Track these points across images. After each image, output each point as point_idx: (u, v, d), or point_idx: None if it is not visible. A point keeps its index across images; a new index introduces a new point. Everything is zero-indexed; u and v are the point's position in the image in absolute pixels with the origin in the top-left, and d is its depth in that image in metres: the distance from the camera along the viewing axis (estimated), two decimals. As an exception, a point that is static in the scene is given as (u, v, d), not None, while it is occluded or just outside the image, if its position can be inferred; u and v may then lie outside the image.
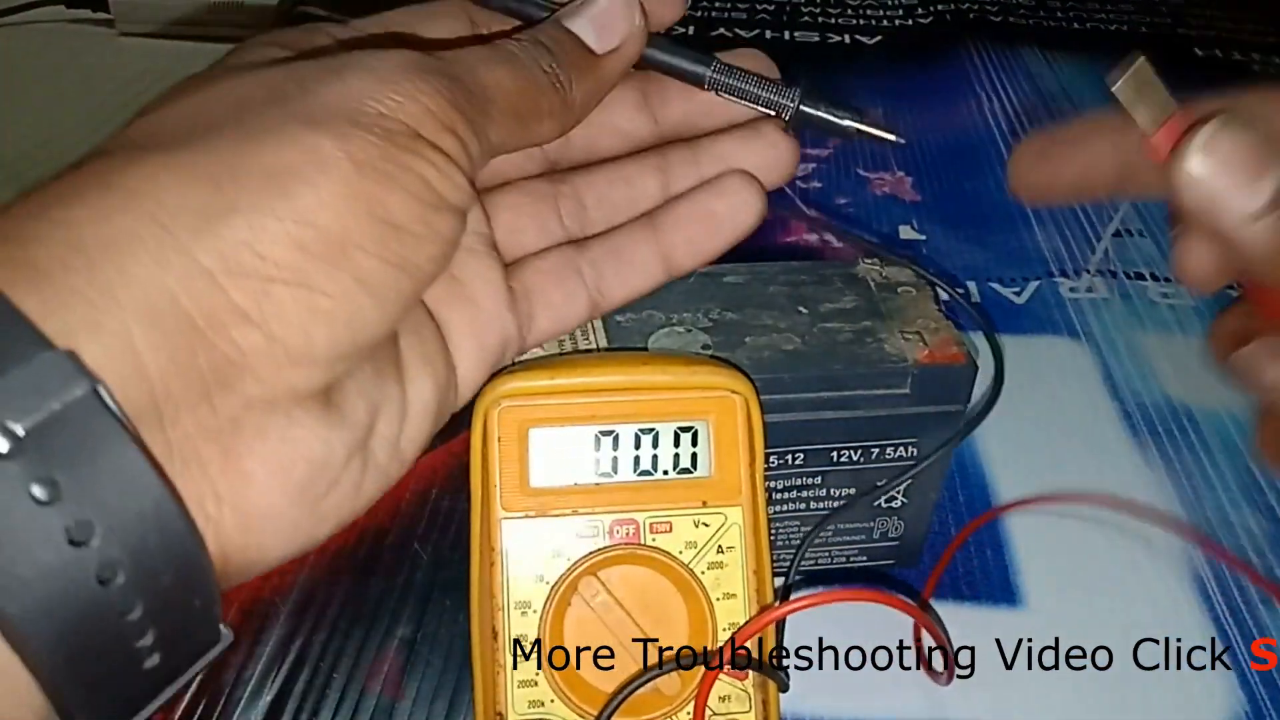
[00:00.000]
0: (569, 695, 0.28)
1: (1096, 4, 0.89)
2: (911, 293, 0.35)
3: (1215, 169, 0.22)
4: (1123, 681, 0.34)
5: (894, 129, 0.25)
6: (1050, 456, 0.43)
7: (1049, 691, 0.34)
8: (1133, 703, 0.34)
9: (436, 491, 0.41)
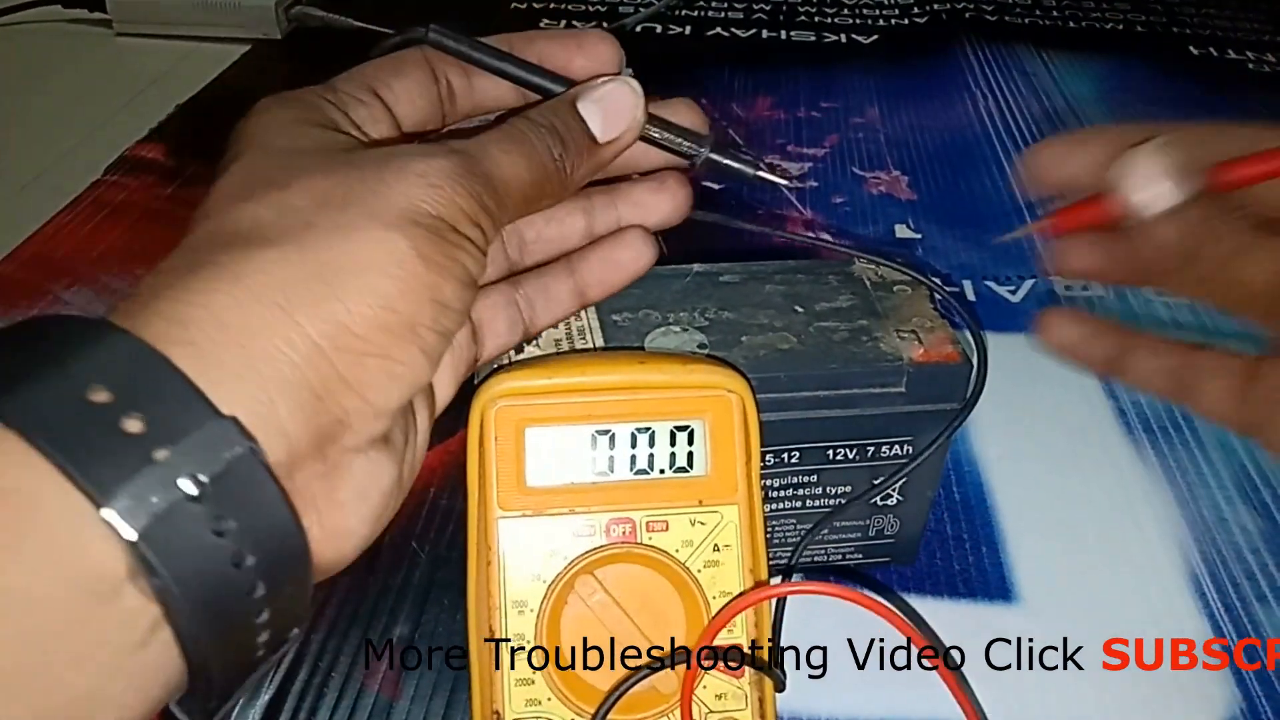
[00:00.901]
0: (566, 694, 0.28)
1: (1092, 3, 0.89)
2: (907, 291, 0.35)
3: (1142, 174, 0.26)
4: (1118, 680, 0.34)
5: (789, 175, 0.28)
6: (1046, 454, 0.43)
7: (1045, 689, 0.34)
8: (1129, 701, 0.34)
9: (434, 491, 0.41)
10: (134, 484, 0.16)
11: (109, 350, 0.17)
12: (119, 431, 0.16)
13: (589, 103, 0.26)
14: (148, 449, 0.17)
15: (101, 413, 0.17)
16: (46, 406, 0.16)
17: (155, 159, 0.64)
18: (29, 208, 0.59)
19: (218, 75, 0.75)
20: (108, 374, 0.17)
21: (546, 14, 0.86)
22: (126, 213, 0.59)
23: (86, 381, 0.17)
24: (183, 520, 0.17)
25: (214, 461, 0.17)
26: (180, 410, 0.17)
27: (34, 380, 0.17)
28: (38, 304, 0.51)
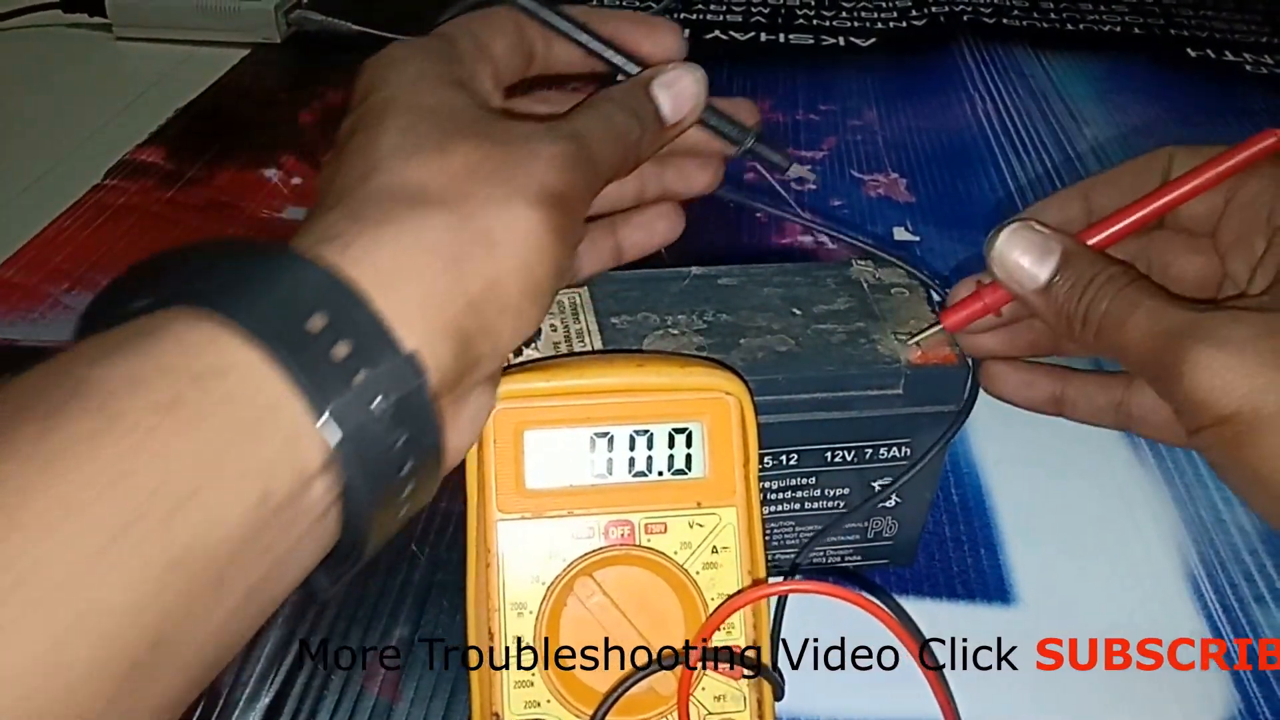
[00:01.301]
0: (565, 695, 0.28)
1: (1089, 5, 0.89)
2: (905, 294, 0.35)
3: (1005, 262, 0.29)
4: (1117, 680, 0.34)
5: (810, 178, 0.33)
6: (1044, 456, 0.43)
7: (1043, 690, 0.34)
8: (1127, 701, 0.34)
9: (433, 493, 0.41)
10: (341, 400, 0.20)
11: (323, 284, 0.21)
12: (331, 354, 0.20)
13: (661, 87, 0.29)
14: (351, 372, 0.20)
15: (319, 337, 0.20)
16: (280, 326, 0.19)
17: (155, 162, 0.64)
18: (29, 211, 0.59)
19: (217, 79, 0.75)
20: (326, 305, 0.20)
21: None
22: (126, 216, 0.59)
23: (310, 309, 0.20)
24: (370, 432, 0.20)
25: (398, 388, 0.21)
26: (376, 343, 0.21)
27: (270, 303, 0.20)
28: (38, 307, 0.51)
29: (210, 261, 0.21)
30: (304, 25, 0.81)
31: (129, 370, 0.18)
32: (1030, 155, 0.66)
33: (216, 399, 0.18)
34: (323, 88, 0.74)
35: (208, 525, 0.18)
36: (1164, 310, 0.26)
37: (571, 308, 0.34)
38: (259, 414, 0.19)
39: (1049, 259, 0.28)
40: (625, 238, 0.33)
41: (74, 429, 0.17)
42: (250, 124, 0.69)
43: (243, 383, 0.19)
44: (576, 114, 0.27)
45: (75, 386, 0.18)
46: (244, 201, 0.60)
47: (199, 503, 0.18)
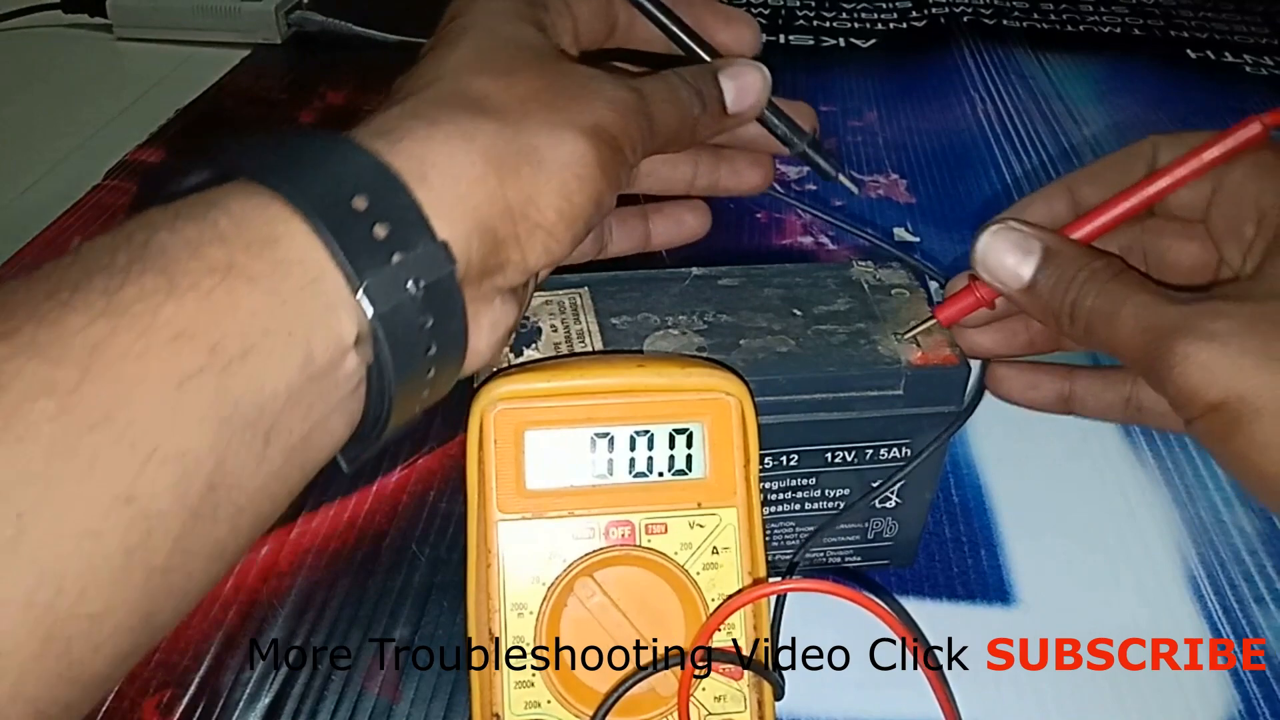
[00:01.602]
0: (565, 696, 0.28)
1: (1089, 6, 0.89)
2: (905, 295, 0.35)
3: (989, 263, 0.29)
4: (1117, 681, 0.34)
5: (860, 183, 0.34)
6: (1044, 456, 0.43)
7: (1043, 691, 0.34)
8: (1127, 702, 0.34)
9: (434, 494, 0.41)
10: (378, 276, 0.21)
11: (370, 169, 0.22)
12: (371, 234, 0.21)
13: (728, 77, 0.30)
14: (389, 252, 0.21)
15: (361, 216, 0.21)
16: (327, 203, 0.21)
17: (155, 163, 0.64)
18: (29, 212, 0.59)
19: (218, 80, 0.75)
20: (367, 187, 0.21)
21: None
22: (127, 217, 0.59)
23: (353, 190, 0.21)
24: (402, 311, 0.22)
25: (431, 272, 0.22)
26: (413, 227, 0.22)
27: (316, 179, 0.21)
28: (38, 308, 0.51)
29: (267, 143, 0.22)
30: (304, 26, 0.81)
31: (188, 236, 0.19)
32: (1030, 156, 0.66)
33: (266, 265, 0.20)
34: (323, 88, 0.74)
35: (258, 382, 0.19)
36: (1149, 306, 0.26)
37: (572, 308, 0.34)
38: (303, 283, 0.20)
39: (1031, 257, 0.29)
40: (655, 225, 0.34)
41: (139, 288, 0.18)
42: (250, 124, 0.69)
43: (290, 252, 0.20)
44: (644, 77, 0.29)
45: (139, 251, 0.19)
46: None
47: (250, 361, 0.19)
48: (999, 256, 0.29)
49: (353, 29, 0.80)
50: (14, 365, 0.17)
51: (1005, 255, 0.29)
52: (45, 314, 0.18)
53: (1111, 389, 0.32)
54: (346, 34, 0.80)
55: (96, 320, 0.18)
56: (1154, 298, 0.26)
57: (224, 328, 0.19)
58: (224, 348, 0.19)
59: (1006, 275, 0.29)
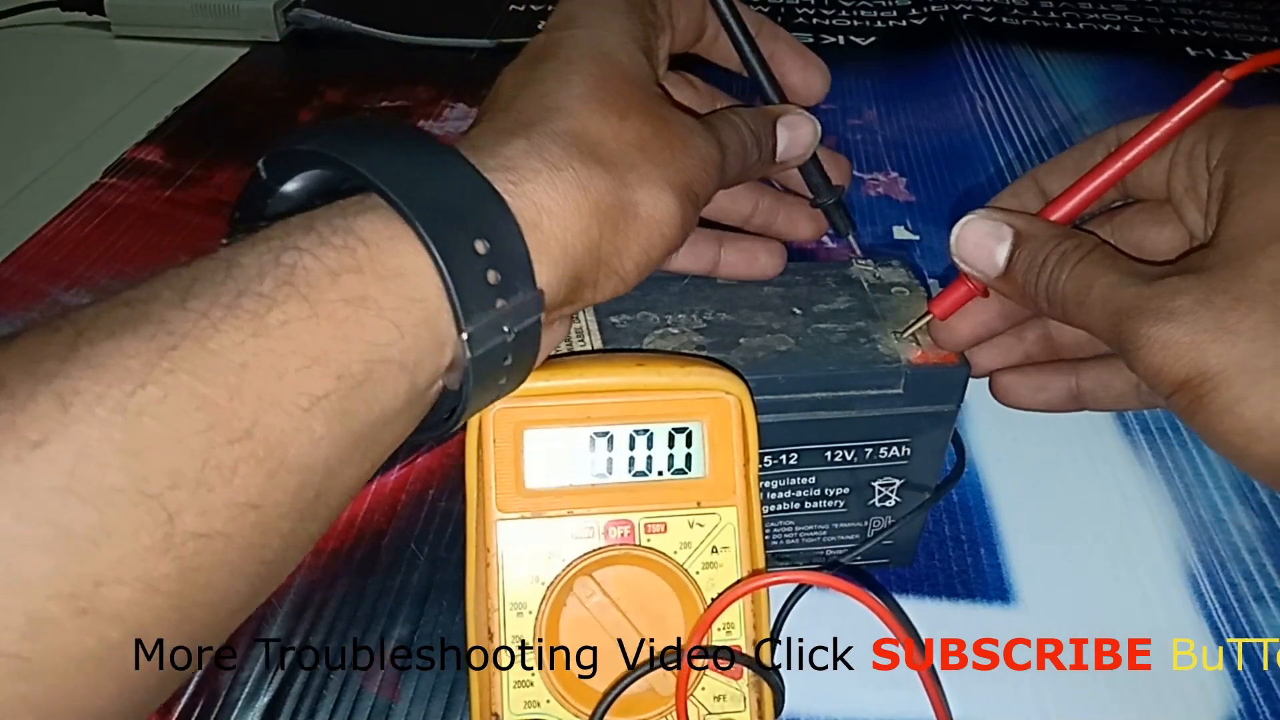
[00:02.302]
0: (564, 695, 0.28)
1: (1089, 4, 0.89)
2: (905, 293, 0.35)
3: (964, 252, 0.30)
4: (1116, 679, 0.34)
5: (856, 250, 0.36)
6: (1044, 455, 0.43)
7: (1042, 691, 0.34)
8: (1127, 701, 0.34)
9: (433, 493, 0.41)
10: (482, 322, 0.23)
11: (495, 215, 0.23)
12: (485, 278, 0.23)
13: (785, 127, 0.32)
14: (495, 298, 0.23)
15: (479, 259, 0.22)
16: (454, 246, 0.22)
17: (154, 161, 0.64)
18: (27, 210, 0.59)
19: (216, 78, 0.75)
20: (490, 233, 0.23)
21: (545, 15, 0.86)
22: (125, 215, 0.59)
23: (477, 233, 0.23)
24: (494, 352, 0.23)
25: (525, 319, 0.24)
26: (520, 276, 0.23)
27: (448, 216, 0.22)
28: (36, 307, 0.51)
29: (402, 149, 0.23)
30: (303, 24, 0.81)
31: (330, 265, 0.21)
32: (1030, 154, 0.66)
33: (393, 300, 0.22)
34: (322, 86, 0.74)
35: (370, 405, 0.22)
36: (1116, 287, 0.26)
37: (571, 307, 0.34)
38: (421, 318, 0.22)
39: (1003, 243, 0.29)
40: (727, 254, 0.35)
41: (284, 313, 0.20)
42: (249, 123, 0.69)
43: (415, 289, 0.22)
44: (719, 123, 0.29)
45: (286, 274, 0.21)
46: (243, 200, 0.60)
47: (367, 387, 0.21)
48: (973, 245, 0.29)
49: (351, 27, 0.80)
50: (173, 379, 0.19)
51: (979, 244, 0.29)
52: (200, 334, 0.20)
53: (1119, 375, 0.32)
54: (345, 32, 0.80)
55: (246, 342, 0.20)
56: (1121, 278, 0.26)
57: (351, 355, 0.21)
58: (349, 374, 0.21)
59: (982, 263, 0.29)
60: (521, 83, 0.27)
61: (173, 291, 0.20)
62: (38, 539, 0.18)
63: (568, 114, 0.25)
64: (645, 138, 0.26)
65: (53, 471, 0.18)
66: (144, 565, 0.19)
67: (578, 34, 0.28)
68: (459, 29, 0.81)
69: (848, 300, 0.34)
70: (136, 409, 0.19)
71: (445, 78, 0.75)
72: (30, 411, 0.18)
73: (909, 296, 0.35)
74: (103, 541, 0.18)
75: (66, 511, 0.18)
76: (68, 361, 0.19)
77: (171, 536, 0.19)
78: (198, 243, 0.56)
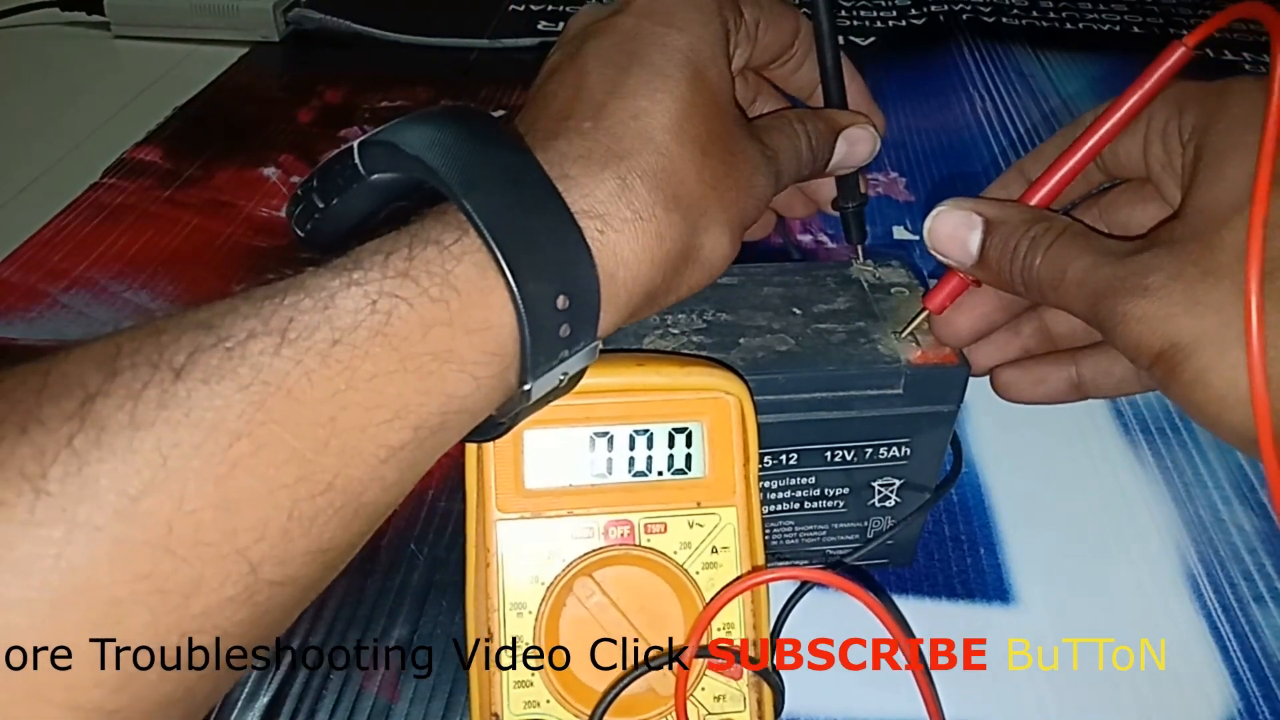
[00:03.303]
0: (564, 695, 0.28)
1: (1089, 4, 0.89)
2: (905, 293, 0.35)
3: (937, 244, 0.30)
4: (1117, 680, 0.34)
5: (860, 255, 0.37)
6: (1043, 455, 0.43)
7: (1042, 690, 0.34)
8: (1127, 701, 0.34)
9: (433, 493, 0.41)
10: (547, 372, 0.23)
11: (581, 273, 0.23)
12: (557, 334, 0.23)
13: (846, 141, 0.32)
14: (561, 350, 0.23)
15: (557, 315, 0.23)
16: (538, 302, 0.22)
17: (153, 161, 0.64)
18: (27, 210, 0.59)
19: (216, 78, 0.75)
20: (572, 290, 0.23)
21: (544, 15, 0.86)
22: (125, 215, 0.59)
23: (561, 288, 0.23)
24: (548, 395, 0.25)
25: (580, 365, 0.24)
26: (587, 329, 0.24)
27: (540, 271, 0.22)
28: (35, 307, 0.51)
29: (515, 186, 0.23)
30: (303, 24, 0.81)
31: (423, 315, 0.21)
32: (1029, 154, 0.66)
33: (475, 354, 0.22)
34: (321, 86, 0.74)
35: (437, 446, 0.23)
36: (1091, 268, 0.26)
37: (571, 307, 0.34)
38: (496, 370, 0.23)
39: (974, 231, 0.29)
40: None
41: (374, 365, 0.21)
42: (249, 123, 0.69)
43: (495, 344, 0.22)
44: (780, 143, 0.29)
45: (380, 324, 0.21)
46: (242, 200, 0.60)
47: (439, 435, 0.22)
48: (945, 236, 0.30)
49: (351, 27, 0.80)
50: (267, 432, 0.19)
51: (952, 234, 0.30)
52: (294, 386, 0.20)
53: (1118, 362, 0.32)
54: (345, 32, 0.80)
55: (337, 395, 0.20)
56: (1094, 258, 0.26)
57: (430, 408, 0.22)
58: (425, 425, 0.22)
59: (957, 253, 0.30)
60: (611, 86, 0.26)
61: (269, 333, 0.20)
62: (136, 594, 0.18)
63: (658, 150, 0.25)
64: (720, 176, 0.26)
65: (151, 525, 0.18)
66: (225, 614, 0.20)
67: (672, 37, 0.27)
68: (459, 29, 0.81)
69: (847, 300, 0.34)
70: (231, 462, 0.19)
71: (445, 78, 0.75)
72: (131, 463, 0.18)
73: (908, 297, 0.35)
74: (192, 595, 0.19)
75: (162, 567, 0.18)
76: (167, 408, 0.19)
77: (253, 587, 0.20)
78: (197, 243, 0.56)
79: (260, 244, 0.57)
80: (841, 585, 0.28)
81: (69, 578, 0.18)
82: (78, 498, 0.18)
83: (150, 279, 0.54)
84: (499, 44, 0.79)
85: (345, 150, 0.24)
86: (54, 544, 0.18)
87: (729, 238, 0.27)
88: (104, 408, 0.19)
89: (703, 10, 0.27)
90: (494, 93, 0.73)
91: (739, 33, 0.30)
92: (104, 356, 0.19)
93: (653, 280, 0.25)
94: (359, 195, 0.24)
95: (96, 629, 0.18)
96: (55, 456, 0.18)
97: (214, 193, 0.61)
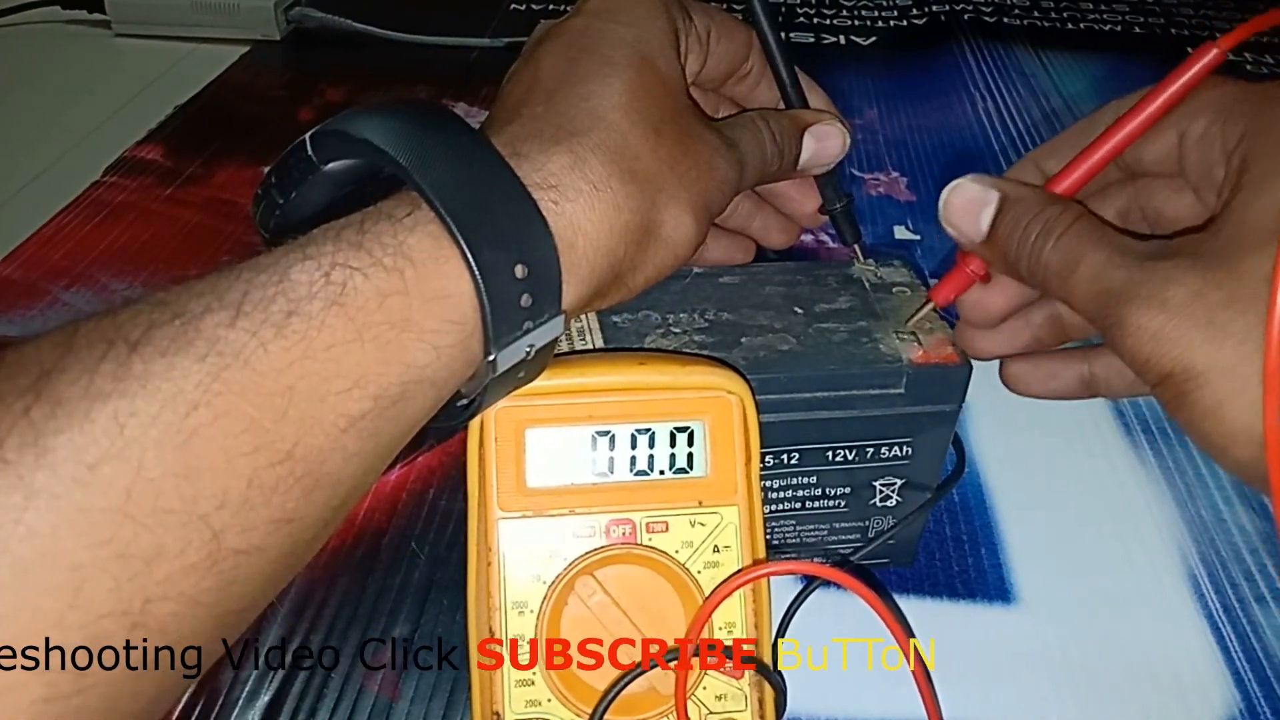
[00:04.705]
0: (566, 694, 0.28)
1: (1090, 4, 0.89)
2: (906, 293, 0.35)
3: (950, 216, 0.30)
4: (1117, 680, 0.34)
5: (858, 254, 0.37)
6: (1045, 455, 0.43)
7: (1042, 690, 0.34)
8: (1127, 701, 0.34)
9: (434, 492, 0.41)
10: (511, 343, 0.23)
11: (538, 241, 0.24)
12: (518, 303, 0.23)
13: (814, 137, 0.32)
14: (524, 321, 0.23)
15: (516, 284, 0.23)
16: (496, 270, 0.23)
17: (154, 160, 0.64)
18: (28, 209, 0.59)
19: (216, 76, 0.75)
20: (530, 259, 0.23)
21: (545, 15, 0.86)
22: (125, 213, 0.59)
23: (518, 257, 0.23)
24: (514, 368, 0.25)
25: (546, 338, 0.24)
26: (549, 299, 0.24)
27: (495, 239, 0.23)
28: (36, 305, 0.51)
29: (453, 156, 0.23)
30: (304, 22, 0.81)
31: (379, 285, 0.22)
32: (1030, 154, 0.66)
33: (434, 322, 0.22)
34: (322, 85, 0.74)
35: (399, 422, 0.23)
36: (1104, 266, 0.25)
37: (572, 306, 0.34)
38: (457, 339, 0.23)
39: (989, 207, 0.29)
40: (708, 246, 0.35)
41: (330, 334, 0.21)
42: (249, 121, 0.69)
43: (454, 312, 0.22)
44: (743, 136, 0.30)
45: (335, 294, 0.21)
46: (243, 199, 0.60)
47: (400, 405, 0.22)
48: (959, 208, 0.29)
49: (352, 25, 0.80)
50: (224, 402, 0.20)
51: (965, 208, 0.29)
52: (250, 356, 0.20)
53: None
54: (345, 30, 0.80)
55: (294, 365, 0.20)
56: (1110, 255, 0.26)
57: (389, 377, 0.22)
58: (385, 395, 0.22)
59: (967, 227, 0.29)
60: (561, 75, 0.27)
61: (224, 307, 0.21)
62: (97, 560, 0.18)
63: (609, 126, 0.26)
64: (676, 156, 0.27)
65: (110, 492, 0.18)
66: (189, 581, 0.20)
67: (619, 31, 0.28)
68: (459, 28, 0.81)
69: (849, 300, 0.34)
70: (189, 431, 0.19)
71: (445, 77, 0.75)
72: (88, 432, 0.18)
73: (910, 296, 0.35)
74: (154, 560, 0.19)
75: (123, 532, 0.18)
76: (123, 380, 0.19)
77: (216, 554, 0.20)
78: (198, 241, 0.56)
79: (260, 242, 0.57)
80: (842, 580, 0.28)
81: (30, 543, 0.18)
82: (34, 465, 0.18)
83: (151, 277, 0.54)
84: (500, 43, 0.79)
85: (299, 143, 0.25)
86: (13, 509, 0.18)
87: (692, 217, 0.27)
88: (60, 381, 0.19)
89: (650, 8, 0.29)
90: (494, 92, 0.72)
91: (689, 36, 0.30)
92: (61, 337, 0.20)
93: (614, 251, 0.25)
94: (315, 186, 0.25)
95: (60, 594, 0.18)
96: (11, 427, 0.18)
97: (215, 191, 0.61)
